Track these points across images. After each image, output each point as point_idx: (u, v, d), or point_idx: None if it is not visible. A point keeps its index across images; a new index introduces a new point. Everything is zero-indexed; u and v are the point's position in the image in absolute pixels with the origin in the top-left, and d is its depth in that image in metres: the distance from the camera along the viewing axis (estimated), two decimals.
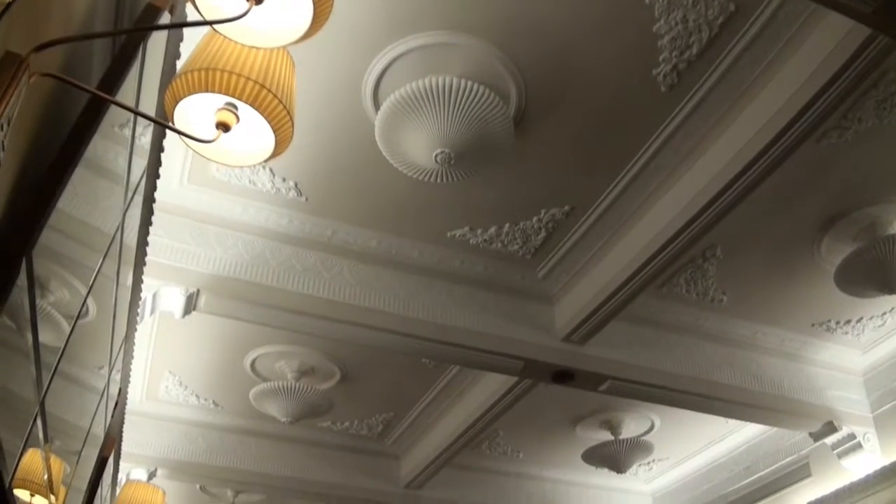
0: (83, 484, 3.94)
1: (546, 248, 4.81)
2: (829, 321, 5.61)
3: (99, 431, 4.10)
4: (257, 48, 1.78)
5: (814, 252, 4.87)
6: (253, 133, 1.90)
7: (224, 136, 1.82)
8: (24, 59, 1.37)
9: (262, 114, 1.78)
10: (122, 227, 3.03)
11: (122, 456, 5.99)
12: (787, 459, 6.71)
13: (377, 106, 3.80)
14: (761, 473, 6.95)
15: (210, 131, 1.82)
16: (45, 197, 1.64)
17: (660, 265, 4.44)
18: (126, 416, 5.26)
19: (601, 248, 4.74)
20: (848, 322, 5.64)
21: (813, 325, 5.64)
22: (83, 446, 3.67)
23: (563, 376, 5.22)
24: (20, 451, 2.34)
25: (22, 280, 2.06)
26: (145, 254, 3.74)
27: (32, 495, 2.77)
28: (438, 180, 3.89)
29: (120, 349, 4.01)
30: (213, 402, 6.68)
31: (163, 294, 4.43)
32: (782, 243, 4.81)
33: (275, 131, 1.83)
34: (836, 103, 3.53)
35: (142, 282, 3.89)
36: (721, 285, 5.15)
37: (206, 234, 4.52)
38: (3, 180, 1.52)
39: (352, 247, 4.74)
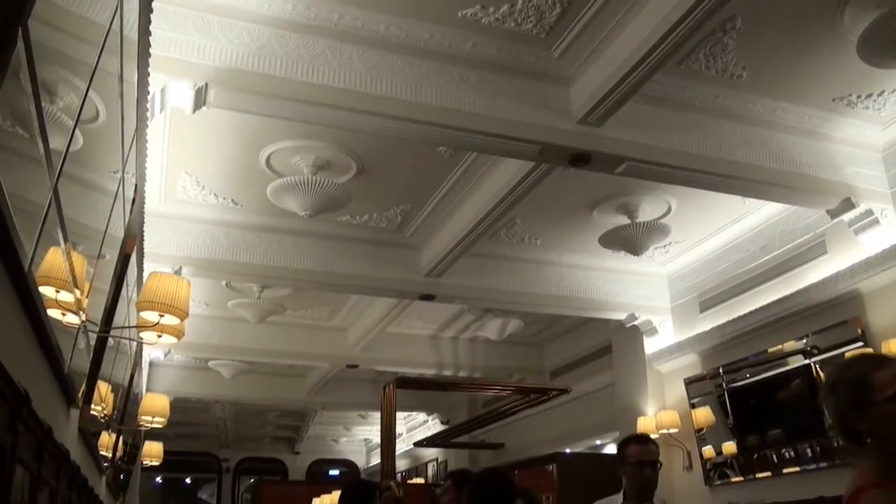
0: (105, 285, 4.03)
1: (561, 26, 4.63)
2: (850, 95, 5.48)
3: (117, 233, 4.16)
4: None
5: (836, 21, 4.66)
6: None
7: None
8: None
9: None
10: (120, 12, 2.93)
11: (146, 256, 6.11)
12: (803, 238, 6.76)
13: None
14: (777, 252, 7.03)
15: None
16: None
17: (679, 38, 4.24)
18: (146, 218, 5.32)
19: (618, 23, 4.53)
20: (869, 96, 5.50)
21: (833, 100, 5.51)
22: (101, 247, 3.73)
23: (579, 159, 5.17)
24: (36, 240, 2.37)
25: (26, 84, 2.02)
26: (149, 45, 3.63)
27: (58, 291, 2.84)
28: None
29: (131, 146, 3.99)
30: (232, 200, 6.73)
31: (171, 89, 4.35)
32: (804, 12, 4.60)
33: None
34: None
35: (148, 75, 3.81)
36: (741, 60, 4.99)
37: (210, 25, 4.38)
38: None
39: (360, 32, 4.58)
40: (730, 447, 7.34)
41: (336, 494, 7.58)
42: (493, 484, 3.89)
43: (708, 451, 7.58)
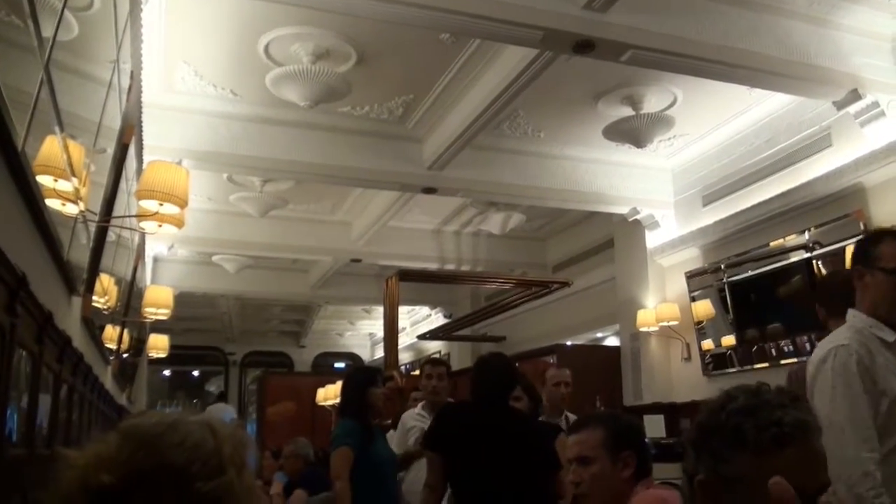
0: (103, 178, 4.01)
1: None
2: None
3: (116, 125, 4.12)
4: None
5: None
6: None
7: None
8: None
9: None
10: None
11: (145, 149, 6.07)
12: (809, 131, 6.70)
13: None
14: (782, 145, 6.97)
15: None
16: None
17: None
18: (144, 110, 5.25)
19: None
20: None
21: None
22: (97, 137, 3.70)
23: (583, 46, 5.06)
24: (28, 119, 2.35)
25: None
26: None
27: (56, 180, 2.83)
28: None
29: (124, 31, 3.92)
30: (231, 91, 6.64)
31: None
32: None
33: None
34: None
35: None
36: None
37: None
38: None
39: None
40: (729, 340, 7.43)
41: (340, 384, 7.73)
42: (496, 365, 3.96)
43: (707, 343, 7.68)
